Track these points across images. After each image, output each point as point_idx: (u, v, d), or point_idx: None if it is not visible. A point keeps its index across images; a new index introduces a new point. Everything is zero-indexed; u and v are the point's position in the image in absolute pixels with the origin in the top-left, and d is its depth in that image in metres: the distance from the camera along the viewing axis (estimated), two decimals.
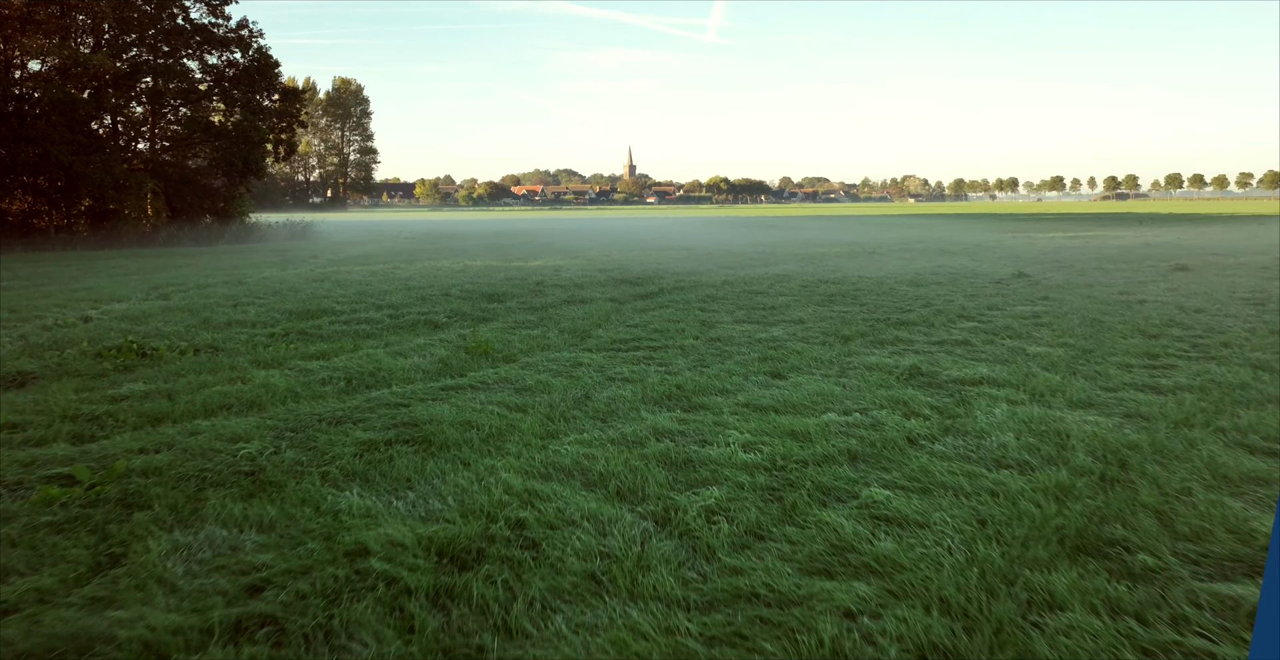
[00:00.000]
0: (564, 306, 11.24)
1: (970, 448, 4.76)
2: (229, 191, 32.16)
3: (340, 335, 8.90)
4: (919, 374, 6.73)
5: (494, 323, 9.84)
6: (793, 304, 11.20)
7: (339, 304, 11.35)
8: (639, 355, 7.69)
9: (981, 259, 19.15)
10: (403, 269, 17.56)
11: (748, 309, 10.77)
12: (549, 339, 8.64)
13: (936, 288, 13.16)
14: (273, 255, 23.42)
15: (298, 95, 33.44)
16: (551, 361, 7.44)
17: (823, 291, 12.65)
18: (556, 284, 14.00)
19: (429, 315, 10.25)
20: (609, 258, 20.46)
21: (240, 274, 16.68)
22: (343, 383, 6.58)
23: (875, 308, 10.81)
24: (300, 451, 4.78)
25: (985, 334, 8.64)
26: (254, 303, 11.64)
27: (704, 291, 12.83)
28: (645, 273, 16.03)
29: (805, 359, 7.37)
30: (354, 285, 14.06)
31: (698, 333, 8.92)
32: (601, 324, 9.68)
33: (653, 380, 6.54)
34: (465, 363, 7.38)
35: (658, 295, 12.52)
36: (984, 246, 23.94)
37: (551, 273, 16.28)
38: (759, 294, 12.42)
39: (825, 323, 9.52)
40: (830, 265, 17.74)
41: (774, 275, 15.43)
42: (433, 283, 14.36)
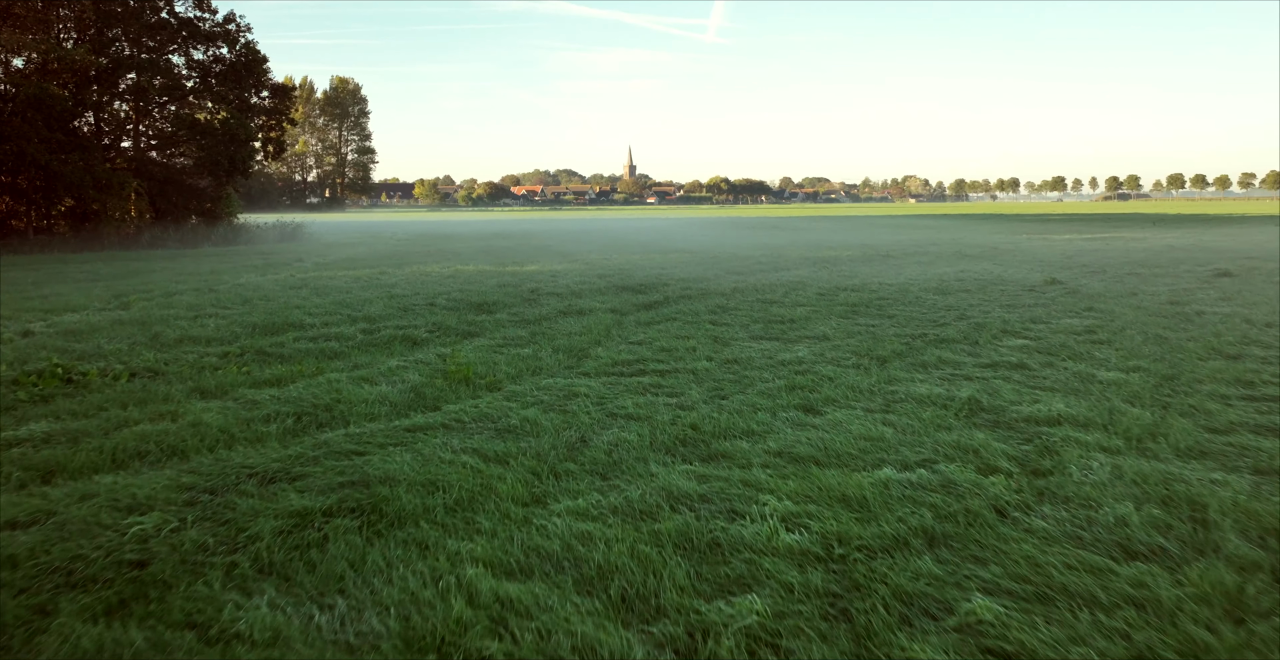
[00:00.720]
0: (559, 319, 10.15)
1: (1079, 522, 3.67)
2: (216, 191, 31.05)
3: (303, 356, 7.80)
4: (980, 409, 5.64)
5: (480, 339, 8.75)
6: (813, 316, 10.11)
7: (310, 316, 10.26)
8: (644, 382, 6.60)
9: (1004, 263, 18.06)
10: (389, 274, 16.46)
11: (764, 322, 9.68)
12: (541, 360, 7.55)
13: (966, 296, 12.08)
14: (256, 258, 22.33)
15: (287, 92, 32.31)
16: (542, 390, 6.35)
17: (843, 301, 11.56)
18: (552, 292, 12.92)
19: (408, 330, 9.15)
20: (609, 262, 19.38)
21: (214, 279, 15.59)
22: (290, 420, 5.49)
23: (906, 321, 9.71)
24: (210, 527, 3.69)
25: (1040, 354, 7.55)
26: (218, 314, 10.54)
27: (713, 301, 11.73)
28: (648, 279, 14.94)
29: (840, 388, 6.28)
30: (332, 293, 12.97)
31: (710, 352, 7.82)
32: (601, 340, 8.59)
33: (662, 418, 5.45)
34: (441, 392, 6.29)
35: (663, 305, 11.43)
36: (1001, 249, 22.85)
37: (547, 279, 15.19)
38: (773, 304, 11.33)
39: (854, 340, 8.43)
40: (845, 270, 16.64)
41: (787, 282, 14.34)
42: (418, 290, 13.27)
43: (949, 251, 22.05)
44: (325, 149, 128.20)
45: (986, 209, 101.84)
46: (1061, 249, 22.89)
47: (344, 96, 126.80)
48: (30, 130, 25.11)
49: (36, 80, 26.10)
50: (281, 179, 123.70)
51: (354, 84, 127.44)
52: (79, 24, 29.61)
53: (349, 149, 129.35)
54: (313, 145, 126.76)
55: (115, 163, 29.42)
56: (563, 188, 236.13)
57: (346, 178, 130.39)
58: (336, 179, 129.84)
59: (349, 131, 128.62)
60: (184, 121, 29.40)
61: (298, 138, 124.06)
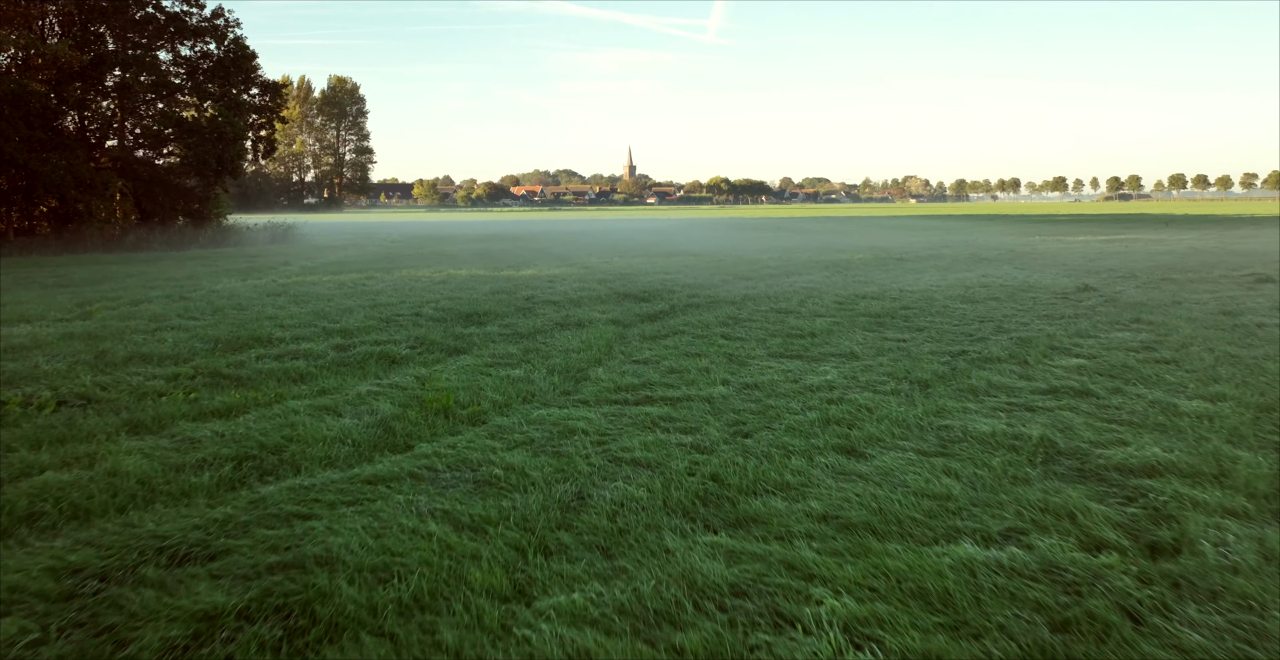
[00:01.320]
0: (556, 332, 9.22)
1: (1244, 634, 2.74)
2: (204, 192, 30.12)
3: (263, 378, 6.87)
4: (1058, 453, 4.71)
5: (466, 357, 7.82)
6: (835, 329, 9.18)
7: (282, 329, 9.33)
8: (652, 414, 5.67)
9: (1026, 267, 17.13)
10: (377, 279, 15.53)
11: (783, 337, 8.75)
12: (533, 384, 6.63)
13: (996, 305, 11.15)
14: (242, 261, 21.40)
15: (278, 89, 31.36)
16: (533, 424, 5.42)
17: (864, 310, 10.63)
18: (549, 300, 11.99)
19: (387, 346, 8.22)
20: (610, 266, 18.44)
21: (190, 285, 14.65)
22: (229, 466, 4.57)
23: (939, 335, 8.79)
24: (79, 640, 2.76)
25: (1103, 378, 6.62)
26: (181, 326, 9.61)
27: (723, 310, 10.80)
28: (651, 285, 14.01)
29: (883, 422, 5.35)
30: (312, 301, 12.04)
31: (726, 374, 6.89)
32: (601, 359, 7.66)
33: (677, 465, 4.53)
34: (414, 426, 5.36)
35: (669, 316, 10.50)
36: (1019, 252, 21.92)
37: (544, 285, 14.27)
38: (790, 314, 10.40)
39: (886, 359, 7.50)
40: (860, 276, 15.71)
41: (800, 289, 13.41)
42: (405, 298, 12.34)
43: (964, 254, 21.12)
44: (323, 149, 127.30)
45: (990, 209, 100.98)
46: (1080, 251, 21.96)
47: (342, 96, 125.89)
48: (10, 129, 24.18)
49: (17, 77, 25.18)
50: (279, 179, 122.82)
51: (352, 83, 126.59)
52: (64, 20, 28.71)
53: (347, 149, 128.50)
54: (310, 145, 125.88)
55: (100, 162, 28.50)
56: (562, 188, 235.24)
57: (344, 178, 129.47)
58: (334, 179, 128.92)
59: (347, 131, 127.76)
60: (171, 119, 28.46)
61: (295, 138, 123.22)
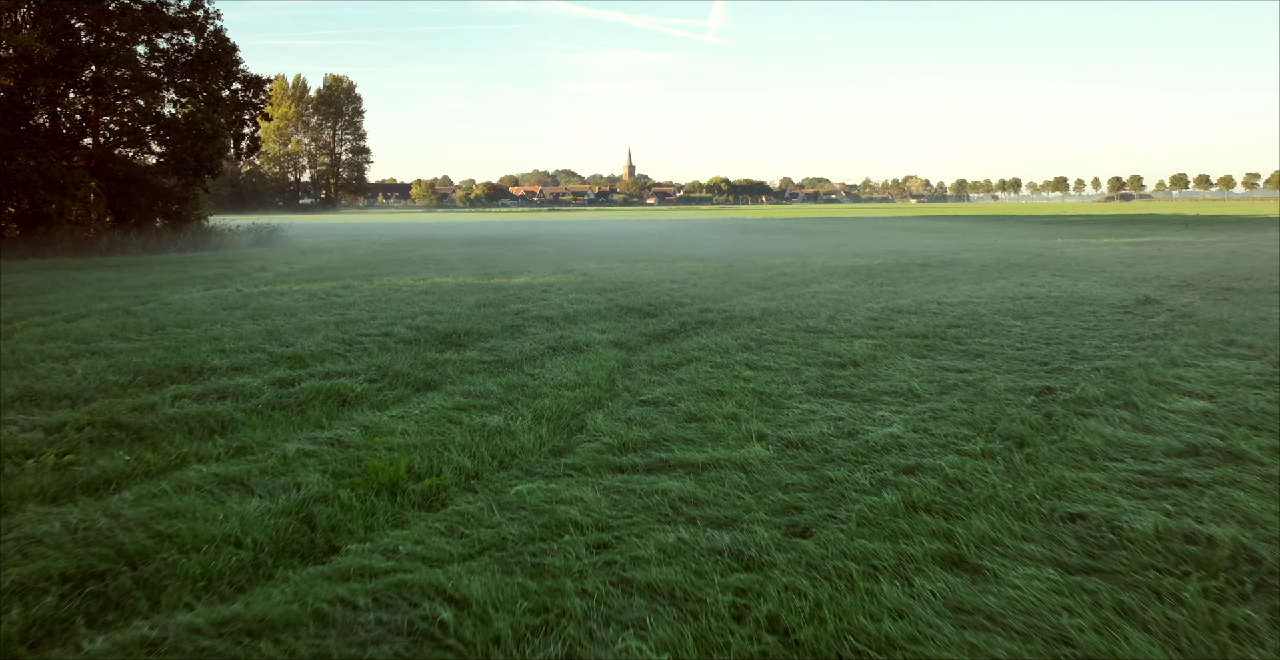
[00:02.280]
0: (547, 359, 7.75)
1: None
2: (183, 192, 28.63)
3: (170, 429, 5.40)
4: (1269, 571, 3.24)
5: (435, 395, 6.35)
6: (879, 355, 7.71)
7: (222, 354, 7.85)
8: (672, 491, 4.20)
9: (1065, 274, 15.66)
10: (352, 289, 14.06)
11: (819, 365, 7.28)
12: (515, 438, 5.16)
13: (1054, 322, 9.69)
14: (216, 266, 19.93)
15: (261, 84, 29.86)
16: (509, 510, 3.96)
17: (905, 329, 9.16)
18: (541, 315, 10.51)
19: (340, 380, 6.75)
20: (610, 273, 16.97)
21: (145, 296, 13.18)
22: (54, 595, 3.10)
23: (1007, 363, 7.32)
24: None
25: (1245, 429, 5.15)
26: (105, 351, 8.14)
27: (743, 329, 9.33)
28: (658, 296, 12.54)
29: (988, 507, 3.89)
30: (272, 317, 10.57)
31: (760, 422, 5.43)
32: (601, 398, 6.20)
33: (715, 595, 3.06)
34: (345, 513, 3.90)
35: (680, 336, 9.03)
36: (1049, 257, 20.45)
37: (537, 296, 12.80)
38: (821, 334, 8.93)
39: (956, 399, 6.03)
40: (887, 285, 14.24)
41: (825, 301, 11.94)
42: (378, 312, 10.86)
43: (990, 259, 19.65)
44: (319, 149, 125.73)
45: (994, 210, 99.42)
46: (1112, 255, 20.50)
47: (338, 95, 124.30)
48: None
49: None
50: (274, 179, 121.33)
51: (348, 82, 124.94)
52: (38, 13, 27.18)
53: (343, 149, 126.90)
54: (306, 145, 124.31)
55: (73, 161, 27.02)
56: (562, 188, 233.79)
57: (341, 178, 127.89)
58: (330, 179, 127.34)
59: (343, 131, 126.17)
60: (147, 116, 26.96)
61: (290, 137, 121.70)
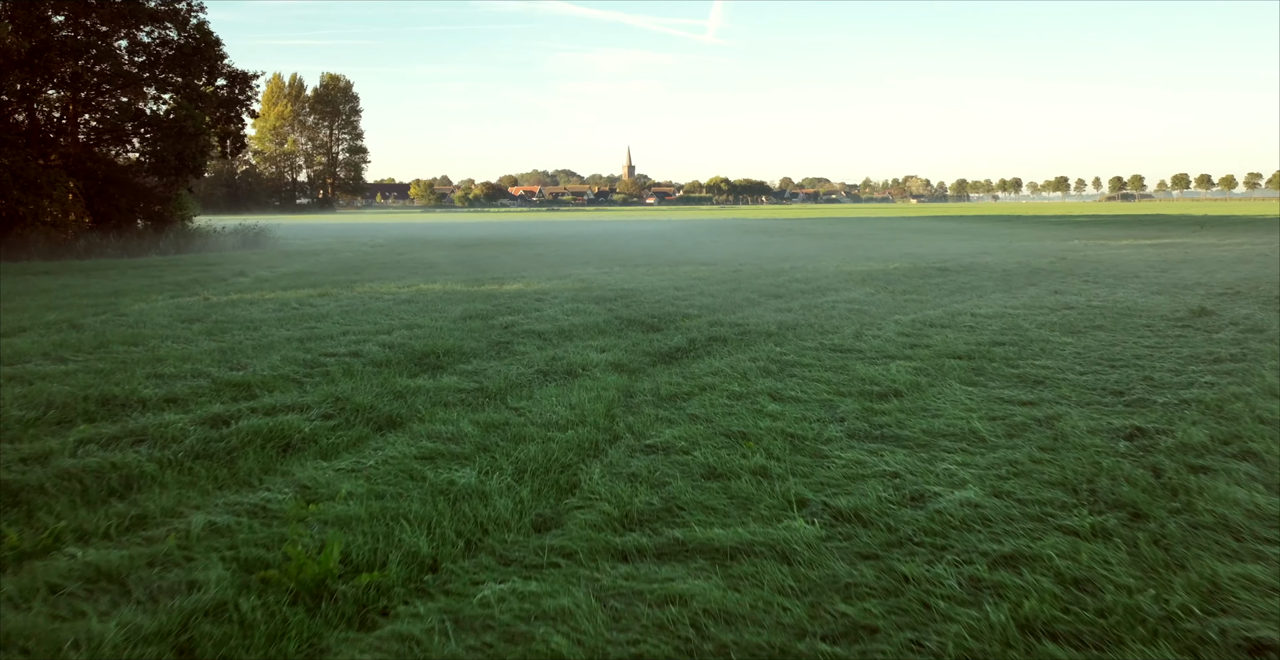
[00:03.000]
0: (536, 387, 6.66)
1: None
2: (166, 192, 27.52)
3: (55, 493, 4.30)
4: None
5: (397, 438, 5.26)
6: (923, 381, 6.63)
7: (158, 381, 6.76)
8: (691, 597, 3.11)
9: (1097, 280, 14.58)
10: (329, 297, 12.97)
11: (856, 396, 6.19)
12: (488, 503, 4.07)
13: (1108, 338, 8.61)
14: (193, 270, 18.84)
15: (247, 80, 28.76)
16: (466, 632, 2.86)
17: (944, 347, 8.08)
18: (533, 330, 9.42)
19: (287, 416, 5.66)
20: (609, 279, 15.87)
21: (103, 306, 12.09)
22: None
23: (1074, 393, 6.23)
24: None
25: None
26: (25, 376, 7.04)
27: (761, 348, 8.23)
28: (662, 307, 11.45)
29: (1132, 628, 2.80)
30: (232, 331, 9.47)
31: (798, 482, 4.34)
32: (598, 444, 5.11)
33: None
34: (241, 640, 2.80)
35: (689, 356, 7.93)
36: (1073, 261, 19.36)
37: (530, 305, 11.71)
38: (850, 355, 7.84)
39: (1030, 444, 4.94)
40: (909, 293, 13.16)
41: (846, 311, 10.85)
42: (351, 326, 9.77)
43: (1012, 263, 18.57)
44: (315, 148, 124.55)
45: (998, 210, 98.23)
46: (1138, 258, 19.43)
47: (334, 94, 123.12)
48: None
49: None
50: (271, 179, 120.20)
51: (345, 81, 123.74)
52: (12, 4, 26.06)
53: (340, 148, 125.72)
54: (302, 144, 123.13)
55: (50, 160, 25.91)
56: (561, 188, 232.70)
57: (338, 178, 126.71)
58: (327, 179, 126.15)
59: (340, 130, 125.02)
60: (127, 112, 25.86)
61: (286, 137, 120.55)
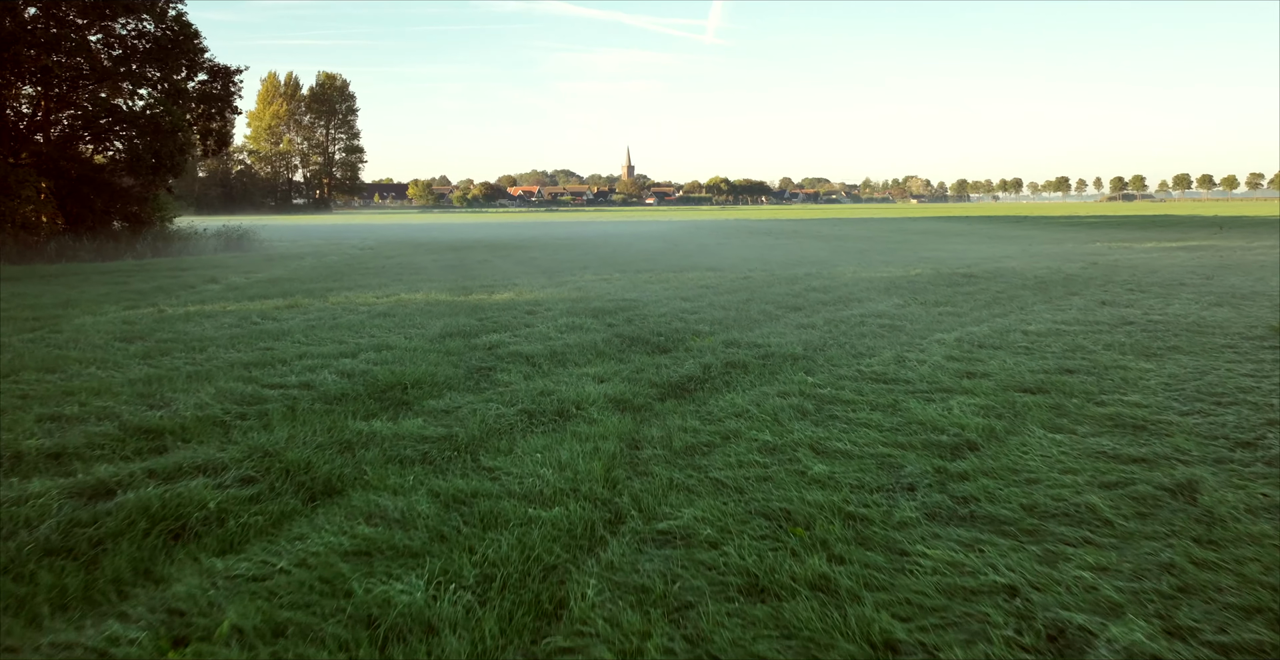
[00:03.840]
0: (518, 435, 5.38)
1: None
2: (143, 192, 26.23)
3: None
4: None
5: (327, 520, 3.97)
6: (997, 426, 5.35)
7: (50, 428, 5.48)
8: None
9: (1143, 290, 13.32)
10: (299, 309, 11.68)
11: (920, 449, 4.91)
12: (434, 638, 2.78)
13: (1190, 362, 7.33)
14: (161, 277, 17.55)
15: (230, 75, 27.47)
16: None
17: (1006, 376, 6.80)
18: (520, 352, 8.13)
19: (194, 480, 4.37)
20: (609, 288, 14.59)
21: (44, 319, 10.79)
22: None
23: (1192, 443, 4.95)
24: None
25: None
26: None
27: (790, 378, 6.93)
28: (669, 322, 10.17)
29: None
30: (173, 353, 8.19)
31: (877, 605, 3.06)
32: (595, 531, 3.82)
33: None
34: None
35: (705, 388, 6.64)
36: (1104, 265, 18.10)
37: (520, 320, 10.42)
38: (898, 386, 6.55)
39: (1173, 531, 3.67)
40: (942, 305, 11.88)
41: (878, 328, 9.57)
42: (311, 348, 8.48)
43: (1041, 269, 17.29)
44: (311, 147, 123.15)
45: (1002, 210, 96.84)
46: (1176, 264, 18.16)
47: (330, 93, 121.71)
48: None
49: None
50: (266, 179, 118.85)
51: (341, 80, 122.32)
52: None
53: (336, 148, 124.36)
54: (298, 144, 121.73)
55: (20, 158, 24.63)
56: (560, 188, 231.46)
57: (334, 178, 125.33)
58: (324, 179, 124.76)
59: (336, 129, 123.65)
60: (102, 108, 24.57)
61: (282, 136, 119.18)
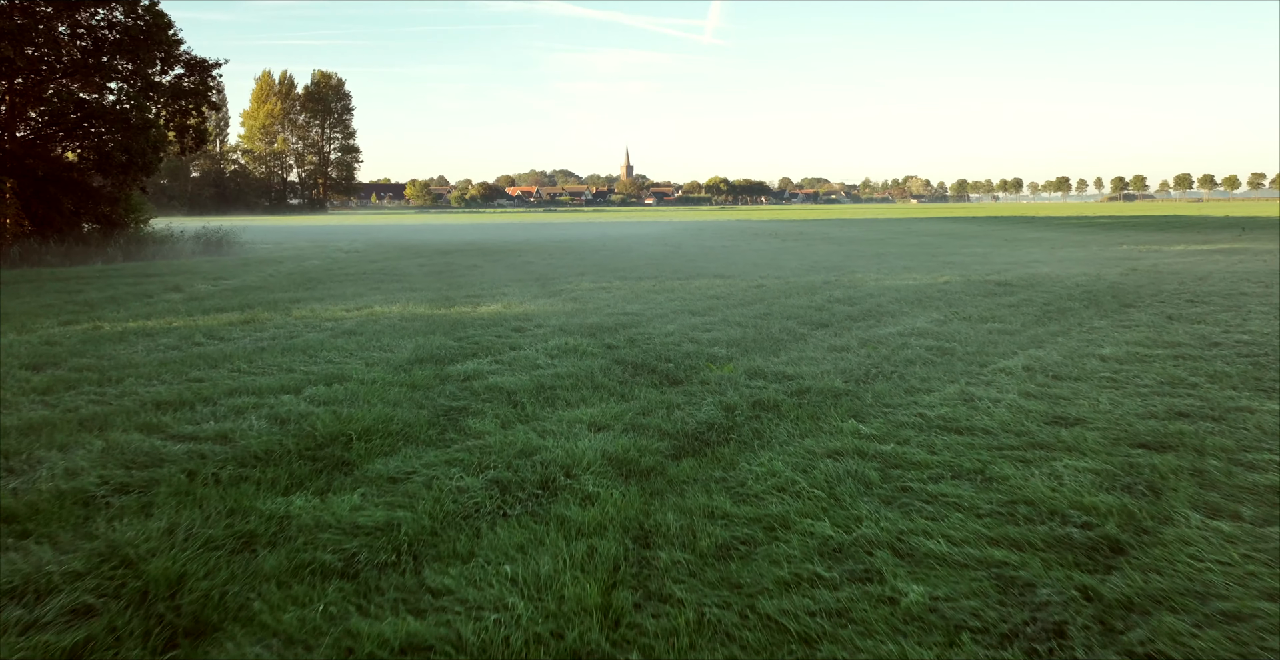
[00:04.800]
0: (483, 526, 3.94)
1: None
2: (116, 192, 24.79)
3: None
4: None
5: None
6: (1135, 509, 3.93)
7: None
8: None
9: (1207, 302, 11.92)
10: (255, 325, 10.24)
11: (1044, 551, 3.47)
12: None
13: None
14: (123, 284, 16.11)
15: (207, 69, 26.02)
16: None
17: (1109, 424, 5.38)
18: (500, 386, 6.70)
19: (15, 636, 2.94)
20: (608, 297, 13.17)
21: None
22: None
23: None
24: None
25: None
26: None
27: (835, 426, 5.50)
28: (678, 343, 8.73)
29: None
30: (80, 387, 6.75)
31: None
32: None
33: None
34: None
35: (729, 441, 5.21)
36: (1147, 272, 16.69)
37: (505, 340, 8.99)
38: (978, 440, 5.12)
39: None
40: (988, 321, 10.46)
41: (926, 352, 8.13)
42: (247, 380, 7.04)
43: (1080, 276, 15.87)
44: (306, 147, 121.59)
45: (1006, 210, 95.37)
46: (1222, 269, 16.76)
47: (326, 92, 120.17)
48: None
49: None
50: (260, 179, 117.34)
51: (337, 79, 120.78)
52: None
53: (332, 147, 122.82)
54: (293, 143, 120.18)
55: None
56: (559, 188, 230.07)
57: (329, 178, 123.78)
58: (319, 179, 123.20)
59: (331, 129, 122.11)
60: (70, 102, 23.11)
61: (276, 136, 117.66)
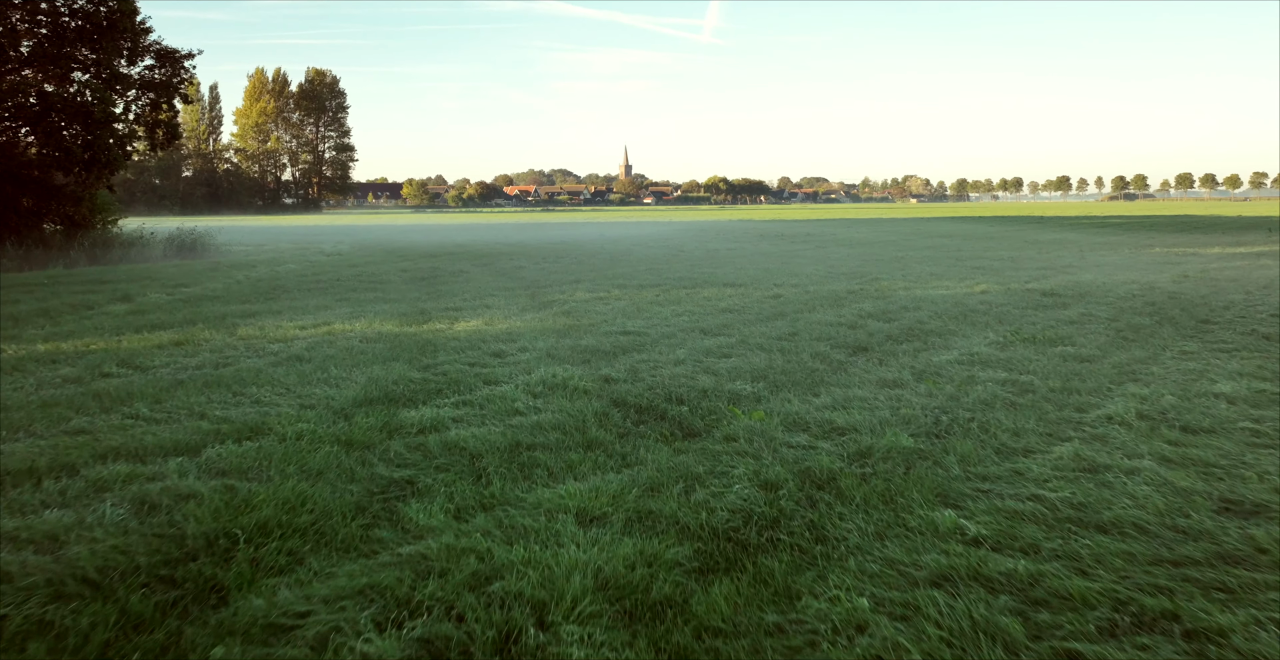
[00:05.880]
0: None
1: None
2: (80, 190, 23.18)
3: None
4: None
5: None
6: None
7: None
8: None
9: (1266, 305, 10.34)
10: (186, 348, 8.64)
11: None
12: None
13: None
14: (69, 294, 14.50)
15: (179, 60, 24.41)
16: None
17: None
18: (462, 445, 5.11)
19: None
20: (606, 312, 11.57)
21: None
22: None
23: None
24: None
25: None
26: None
27: (925, 524, 3.92)
28: (690, 375, 7.14)
29: None
30: None
31: None
32: None
33: None
34: None
35: (779, 550, 3.61)
36: (1202, 281, 15.12)
37: (479, 371, 7.39)
38: (1129, 543, 3.55)
39: None
40: (1056, 344, 8.88)
41: (997, 388, 6.54)
42: (131, 439, 5.44)
43: (1133, 285, 14.29)
44: (300, 146, 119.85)
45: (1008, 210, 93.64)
46: (1275, 278, 15.21)
47: (320, 90, 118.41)
48: None
49: None
50: (254, 178, 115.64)
51: (331, 76, 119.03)
52: None
53: (326, 146, 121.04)
54: (287, 142, 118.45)
55: None
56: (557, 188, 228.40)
57: (324, 177, 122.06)
58: (313, 178, 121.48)
59: (326, 127, 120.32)
60: (25, 94, 21.51)
61: (270, 134, 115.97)
